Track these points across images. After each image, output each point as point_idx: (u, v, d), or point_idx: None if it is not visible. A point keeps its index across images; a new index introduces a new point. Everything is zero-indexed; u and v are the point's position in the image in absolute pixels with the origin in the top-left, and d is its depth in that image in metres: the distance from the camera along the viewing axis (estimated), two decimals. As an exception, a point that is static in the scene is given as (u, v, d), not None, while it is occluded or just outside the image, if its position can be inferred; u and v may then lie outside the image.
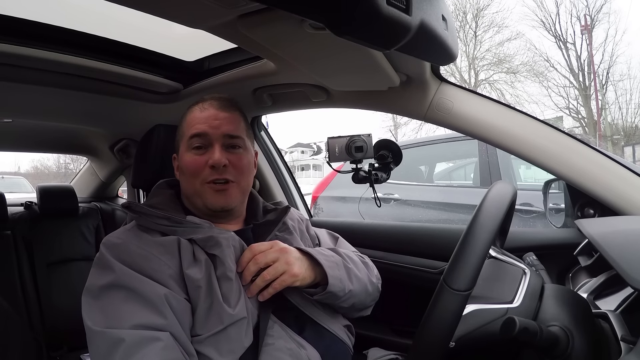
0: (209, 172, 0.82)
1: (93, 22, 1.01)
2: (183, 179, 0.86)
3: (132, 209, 0.82)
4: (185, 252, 0.76)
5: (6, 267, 1.54)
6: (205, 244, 0.77)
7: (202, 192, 0.83)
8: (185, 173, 0.85)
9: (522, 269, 0.80)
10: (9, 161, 34.04)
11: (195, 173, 0.83)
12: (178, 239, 0.77)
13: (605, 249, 0.66)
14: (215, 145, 0.83)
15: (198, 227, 0.80)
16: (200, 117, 0.85)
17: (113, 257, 0.74)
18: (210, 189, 0.83)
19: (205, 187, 0.83)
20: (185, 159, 0.84)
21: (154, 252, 0.75)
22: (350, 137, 1.09)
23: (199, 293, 0.73)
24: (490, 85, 15.64)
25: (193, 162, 0.83)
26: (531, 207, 2.82)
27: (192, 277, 0.74)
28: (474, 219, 0.65)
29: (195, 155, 0.83)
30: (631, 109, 13.65)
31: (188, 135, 0.85)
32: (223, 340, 0.72)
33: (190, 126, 0.85)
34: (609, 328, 0.69)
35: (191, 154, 0.84)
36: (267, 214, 0.96)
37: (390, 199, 3.47)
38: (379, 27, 0.51)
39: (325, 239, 1.04)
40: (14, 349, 1.15)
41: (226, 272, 0.76)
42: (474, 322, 0.71)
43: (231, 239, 0.80)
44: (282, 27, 0.69)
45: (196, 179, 0.83)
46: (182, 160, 0.85)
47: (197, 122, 0.85)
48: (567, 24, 15.43)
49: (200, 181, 0.83)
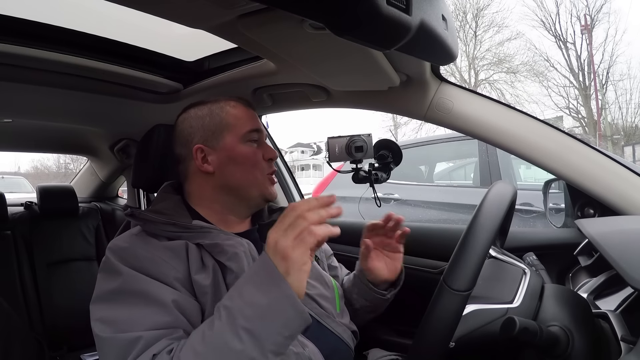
0: (267, 165, 0.89)
1: (93, 22, 1.01)
2: (235, 169, 0.86)
3: (137, 217, 0.80)
4: (193, 256, 0.75)
5: (6, 267, 1.54)
6: (213, 249, 0.77)
7: (263, 182, 0.87)
8: (243, 163, 0.86)
9: (522, 269, 0.80)
10: (9, 161, 34.04)
11: (257, 164, 0.87)
12: (186, 243, 0.76)
13: (605, 249, 0.66)
14: (265, 141, 0.90)
15: (205, 231, 0.79)
16: (250, 114, 0.90)
17: (120, 261, 0.72)
18: (270, 180, 0.89)
19: (266, 178, 0.88)
20: (244, 150, 0.86)
21: (162, 256, 0.73)
22: (350, 137, 1.09)
23: (206, 299, 0.73)
24: (490, 85, 15.66)
25: (254, 153, 0.87)
26: (531, 207, 2.82)
27: (200, 283, 0.73)
28: (474, 219, 0.65)
29: (255, 148, 0.88)
30: (631, 108, 13.68)
31: (246, 128, 0.87)
32: None
33: (245, 120, 0.88)
34: (609, 328, 0.69)
35: (250, 145, 0.87)
36: (272, 214, 0.96)
37: (390, 199, 3.47)
38: (379, 27, 0.51)
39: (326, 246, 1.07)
40: (15, 349, 1.16)
41: (234, 280, 0.74)
42: (474, 322, 0.71)
43: (238, 244, 0.80)
44: (282, 27, 0.69)
45: (257, 169, 0.87)
46: (238, 151, 0.86)
47: (250, 118, 0.89)
48: (567, 24, 15.44)
49: (261, 172, 0.87)
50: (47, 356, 1.40)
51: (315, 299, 0.86)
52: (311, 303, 0.85)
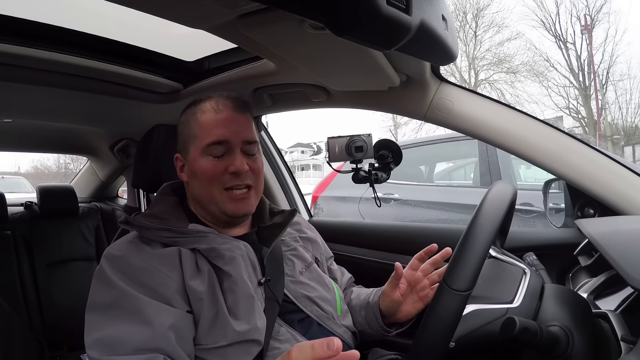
0: (229, 178, 0.80)
1: (93, 22, 1.01)
2: (196, 184, 0.82)
3: (132, 224, 0.79)
4: (187, 262, 0.75)
5: (6, 267, 1.54)
6: (210, 254, 0.76)
7: (220, 199, 0.80)
8: (200, 178, 0.81)
9: (522, 269, 0.80)
10: (9, 161, 34.09)
11: (214, 179, 0.80)
12: (179, 249, 0.76)
13: (605, 249, 0.66)
14: (235, 152, 0.81)
15: (201, 236, 0.78)
16: (217, 120, 0.81)
17: (113, 273, 0.72)
18: (230, 197, 0.80)
19: (224, 194, 0.80)
20: (202, 164, 0.80)
21: (155, 264, 0.73)
22: (350, 137, 1.09)
23: (202, 305, 0.73)
24: (490, 85, 15.66)
25: (212, 168, 0.80)
26: (531, 207, 2.82)
27: (195, 289, 0.73)
28: (474, 219, 0.65)
29: (214, 161, 0.80)
30: (631, 108, 13.67)
31: (206, 141, 0.80)
32: (230, 353, 0.72)
33: (208, 131, 0.80)
34: (609, 328, 0.69)
35: (208, 159, 0.80)
36: (273, 217, 0.93)
37: (390, 199, 3.47)
38: (379, 27, 0.51)
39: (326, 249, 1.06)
40: (15, 349, 1.16)
41: (231, 285, 0.75)
42: (474, 322, 0.71)
43: (236, 248, 0.79)
44: (282, 27, 0.69)
45: (214, 185, 0.80)
46: (197, 165, 0.81)
47: (214, 127, 0.80)
48: (567, 24, 15.40)
49: (218, 188, 0.80)
50: (47, 356, 1.40)
51: (316, 301, 0.86)
52: (312, 305, 0.85)
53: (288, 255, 0.89)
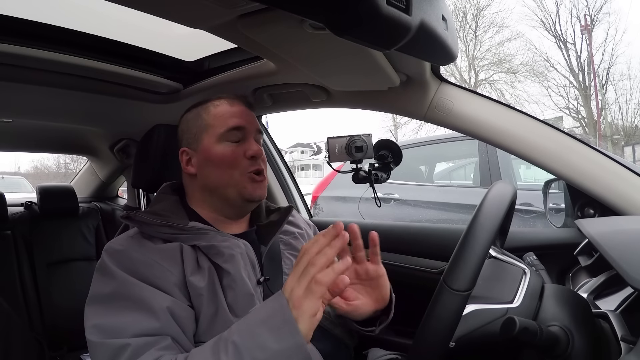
0: (249, 163, 0.84)
1: (93, 22, 1.01)
2: (211, 171, 0.84)
3: (132, 219, 0.80)
4: (187, 258, 0.75)
5: (6, 267, 1.54)
6: (209, 251, 0.77)
7: (241, 182, 0.83)
8: (218, 164, 0.83)
9: (522, 269, 0.80)
10: (9, 161, 34.07)
11: (234, 164, 0.83)
12: (180, 245, 0.77)
13: (605, 249, 0.66)
14: (251, 137, 0.86)
15: (202, 233, 0.79)
16: (232, 111, 0.86)
17: (114, 265, 0.73)
18: (251, 179, 0.84)
19: (245, 177, 0.83)
20: (219, 150, 0.83)
21: (156, 259, 0.74)
22: (350, 137, 1.09)
23: (202, 301, 0.73)
24: (490, 85, 15.66)
25: (231, 152, 0.83)
26: (531, 207, 2.82)
27: (195, 285, 0.73)
28: (474, 219, 0.65)
29: (233, 146, 0.84)
30: (631, 109, 13.67)
31: (224, 128, 0.84)
32: None
33: (224, 119, 0.85)
34: (609, 328, 0.69)
35: (226, 144, 0.84)
36: (270, 215, 0.95)
37: (390, 199, 3.47)
38: (379, 27, 0.51)
39: None
40: (15, 349, 1.16)
41: (230, 282, 0.75)
42: (474, 322, 0.71)
43: (235, 246, 0.79)
44: (282, 27, 0.69)
45: (235, 169, 0.83)
46: (214, 152, 0.83)
47: (231, 116, 0.85)
48: (567, 24, 15.42)
49: (239, 172, 0.83)
50: (47, 356, 1.40)
51: None
52: None
53: (286, 253, 0.90)
